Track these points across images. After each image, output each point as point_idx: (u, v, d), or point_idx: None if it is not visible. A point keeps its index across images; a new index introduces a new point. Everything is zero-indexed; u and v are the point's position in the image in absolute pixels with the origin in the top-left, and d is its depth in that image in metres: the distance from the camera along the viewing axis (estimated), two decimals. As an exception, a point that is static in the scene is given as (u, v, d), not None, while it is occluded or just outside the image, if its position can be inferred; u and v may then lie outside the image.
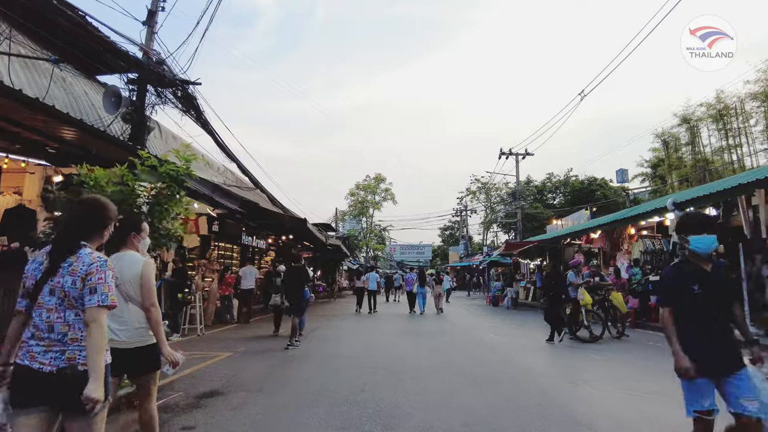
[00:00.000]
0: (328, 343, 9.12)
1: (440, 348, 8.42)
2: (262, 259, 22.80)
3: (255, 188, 14.70)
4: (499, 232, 48.49)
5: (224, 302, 13.42)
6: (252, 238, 18.29)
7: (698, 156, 19.59)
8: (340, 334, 11.08)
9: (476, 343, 8.98)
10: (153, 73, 8.42)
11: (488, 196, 48.67)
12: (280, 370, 6.38)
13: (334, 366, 6.67)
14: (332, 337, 10.02)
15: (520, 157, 29.90)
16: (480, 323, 13.14)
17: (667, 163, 21.78)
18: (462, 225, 51.12)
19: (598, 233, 14.39)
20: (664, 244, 12.87)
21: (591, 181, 36.46)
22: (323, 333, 11.06)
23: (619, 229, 13.98)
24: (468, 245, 50.04)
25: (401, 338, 9.83)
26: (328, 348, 8.46)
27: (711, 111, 18.14)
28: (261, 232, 18.53)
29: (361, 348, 8.50)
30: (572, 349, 8.38)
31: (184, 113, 9.26)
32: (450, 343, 9.01)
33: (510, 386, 5.39)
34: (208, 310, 12.68)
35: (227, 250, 18.34)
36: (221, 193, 12.77)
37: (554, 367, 6.61)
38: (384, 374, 6.06)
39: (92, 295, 1.92)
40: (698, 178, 18.04)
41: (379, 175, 37.63)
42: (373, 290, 17.56)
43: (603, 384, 5.53)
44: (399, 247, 69.85)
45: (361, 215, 37.96)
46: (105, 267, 1.99)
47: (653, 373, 6.08)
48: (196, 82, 8.87)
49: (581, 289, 9.33)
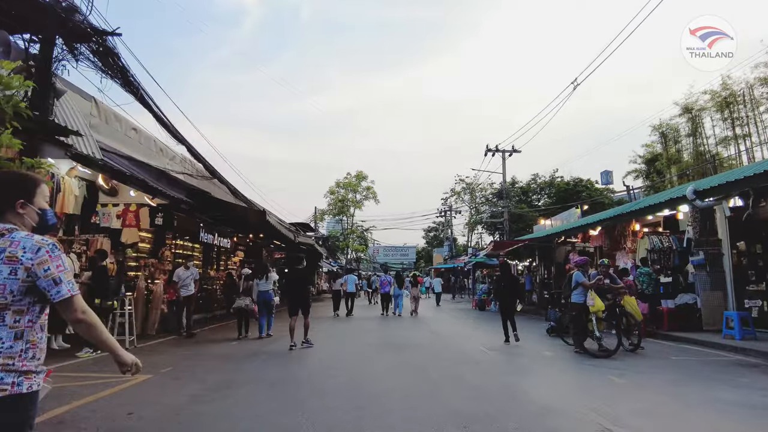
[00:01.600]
0: (284, 358, 7.39)
1: (420, 367, 6.74)
2: (230, 260, 20.88)
3: (211, 177, 12.84)
4: (484, 234, 47.45)
5: (172, 308, 11.53)
6: (214, 236, 16.37)
7: (701, 148, 18.40)
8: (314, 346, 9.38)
9: (465, 361, 7.33)
10: (58, 19, 6.56)
11: (473, 197, 47.54)
12: (199, 405, 4.61)
13: (278, 397, 4.93)
14: (294, 350, 8.30)
15: (507, 154, 28.76)
16: (467, 332, 11.53)
17: (666, 157, 20.57)
18: (446, 226, 49.77)
19: (597, 230, 12.96)
20: (673, 242, 11.47)
21: (577, 182, 35.67)
22: (287, 343, 9.33)
23: (622, 225, 12.56)
24: (452, 247, 48.72)
25: (375, 352, 8.13)
26: (282, 366, 6.73)
27: (716, 99, 16.96)
28: (223, 229, 16.63)
29: (324, 367, 6.78)
30: (583, 367, 6.80)
31: (105, 75, 7.39)
32: (432, 360, 7.34)
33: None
34: (151, 317, 10.78)
35: (187, 249, 16.42)
36: (167, 182, 10.94)
37: (575, 400, 4.93)
38: (344, 409, 4.36)
39: (59, 286, 1.66)
40: (700, 171, 16.88)
41: (361, 172, 35.90)
42: (352, 293, 17.12)
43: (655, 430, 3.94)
44: (382, 249, 68.40)
45: (342, 214, 36.09)
46: (58, 251, 1.72)
47: (706, 405, 4.53)
48: (114, 32, 7.02)
49: (591, 292, 7.77)
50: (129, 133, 11.85)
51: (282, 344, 8.75)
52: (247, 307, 10.22)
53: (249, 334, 10.03)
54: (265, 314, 10.17)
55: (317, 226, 35.22)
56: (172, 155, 13.65)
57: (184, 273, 10.72)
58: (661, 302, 10.09)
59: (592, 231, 13.04)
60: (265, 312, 10.17)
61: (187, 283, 10.58)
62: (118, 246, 10.73)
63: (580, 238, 14.86)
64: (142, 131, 12.47)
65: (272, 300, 10.34)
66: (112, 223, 10.41)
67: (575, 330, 8.07)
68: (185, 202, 10.65)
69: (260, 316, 10.16)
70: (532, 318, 15.64)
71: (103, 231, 10.37)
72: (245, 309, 10.20)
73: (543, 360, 7.50)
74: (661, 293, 10.11)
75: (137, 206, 10.60)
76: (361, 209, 36.88)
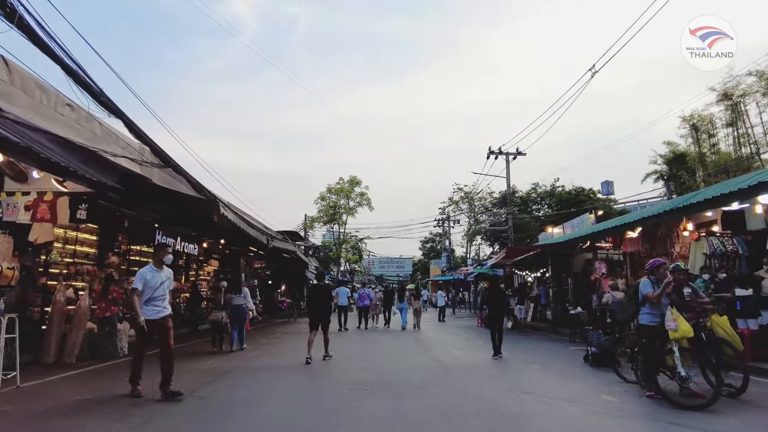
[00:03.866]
0: (229, 405, 4.91)
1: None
2: (201, 270, 18.30)
3: (163, 165, 10.39)
4: (483, 245, 45.26)
5: (104, 328, 9.01)
6: (176, 240, 13.86)
7: (744, 139, 16.15)
8: (269, 377, 6.91)
9: (495, 418, 4.86)
10: None
11: (471, 206, 45.47)
12: None
13: None
14: (252, 385, 5.84)
15: (512, 157, 26.77)
16: (484, 362, 9.05)
17: (697, 152, 18.30)
18: (444, 237, 47.42)
19: (637, 231, 10.59)
20: (738, 245, 9.14)
21: (578, 191, 34.16)
22: (249, 374, 6.84)
23: (668, 225, 10.22)
24: (450, 258, 46.33)
25: (361, 398, 5.63)
26: (220, 417, 4.26)
27: (764, 80, 14.83)
28: (186, 232, 14.13)
29: (281, 423, 4.31)
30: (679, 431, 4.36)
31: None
32: (445, 416, 4.86)
33: None
34: (70, 339, 8.25)
35: (146, 256, 13.90)
36: (97, 165, 8.52)
37: None
38: None
39: None
40: (744, 167, 14.64)
41: (354, 177, 33.47)
42: (344, 306, 16.15)
43: None
44: (378, 261, 65.89)
45: (333, 222, 33.59)
46: None
47: None
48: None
49: (672, 311, 5.36)
50: (61, 109, 9.46)
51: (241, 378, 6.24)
52: (222, 320, 10.07)
53: (224, 348, 10.07)
54: (237, 327, 10.16)
55: (307, 234, 32.71)
56: (124, 144, 11.24)
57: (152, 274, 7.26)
58: (738, 322, 7.68)
59: (631, 233, 10.68)
60: (237, 325, 10.15)
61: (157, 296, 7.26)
62: (28, 247, 8.26)
63: (610, 242, 12.49)
64: (82, 110, 10.11)
65: (245, 313, 10.26)
66: (18, 217, 7.95)
67: (647, 365, 5.65)
68: (115, 189, 8.20)
69: (232, 329, 10.16)
70: (552, 339, 13.18)
71: (6, 227, 7.92)
72: (220, 322, 10.06)
73: (609, 412, 5.05)
74: (738, 310, 7.70)
75: (54, 195, 8.15)
76: (354, 216, 34.38)
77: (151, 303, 5.52)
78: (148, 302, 5.50)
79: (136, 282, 5.57)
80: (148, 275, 5.57)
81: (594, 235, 12.01)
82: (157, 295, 5.56)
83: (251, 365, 8.17)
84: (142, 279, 5.52)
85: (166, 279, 5.72)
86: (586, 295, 15.34)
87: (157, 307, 5.54)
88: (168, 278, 5.81)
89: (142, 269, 5.71)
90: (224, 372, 7.36)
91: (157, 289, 5.56)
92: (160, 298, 5.59)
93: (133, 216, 11.81)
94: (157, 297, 5.56)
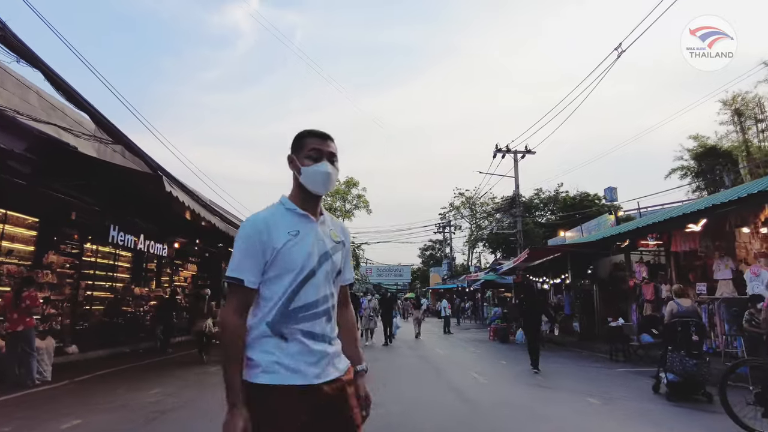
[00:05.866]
0: None
1: None
2: (176, 275, 16.07)
3: (111, 141, 8.27)
4: (485, 252, 43.26)
5: (16, 347, 6.80)
6: (138, 238, 11.70)
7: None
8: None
9: None
10: None
11: (473, 211, 43.61)
12: None
13: None
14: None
15: (520, 155, 25.02)
16: (520, 393, 6.86)
17: (741, 140, 16.26)
18: (445, 243, 45.33)
19: (701, 224, 8.50)
20: None
21: (583, 196, 32.60)
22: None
23: (741, 215, 8.13)
24: (452, 265, 44.23)
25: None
26: None
27: None
28: (149, 228, 11.97)
29: None
30: None
31: None
32: None
33: None
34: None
35: (107, 257, 11.74)
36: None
37: None
38: None
39: None
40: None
41: (351, 179, 31.34)
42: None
43: None
44: (375, 269, 63.68)
45: (328, 225, 31.39)
46: None
47: None
48: None
49: None
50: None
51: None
52: (209, 330, 9.75)
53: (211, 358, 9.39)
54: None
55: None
56: (74, 124, 9.15)
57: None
58: None
59: (693, 226, 8.58)
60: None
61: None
62: None
63: (654, 240, 10.39)
64: (10, 74, 8.07)
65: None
66: None
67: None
68: (22, 158, 6.08)
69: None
70: (586, 357, 11.01)
71: None
72: (204, 332, 9.73)
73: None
74: None
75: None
76: (351, 219, 32.22)
77: None
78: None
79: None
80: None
81: (638, 231, 9.91)
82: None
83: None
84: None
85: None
86: (620, 303, 13.29)
87: None
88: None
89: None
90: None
91: None
92: None
93: (82, 207, 9.72)
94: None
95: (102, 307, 11.17)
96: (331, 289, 1.51)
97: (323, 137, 1.53)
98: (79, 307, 10.25)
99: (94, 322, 10.70)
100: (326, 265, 1.48)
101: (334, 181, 1.56)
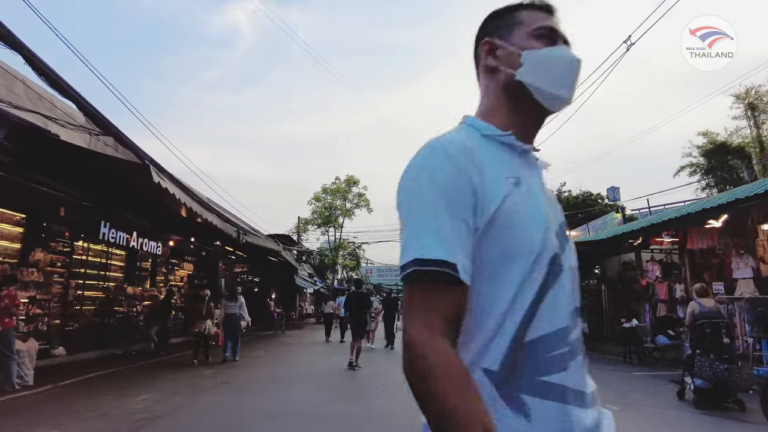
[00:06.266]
0: None
1: None
2: (172, 274, 15.66)
3: (100, 132, 7.85)
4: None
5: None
6: (130, 236, 11.28)
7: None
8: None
9: None
10: None
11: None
12: None
13: None
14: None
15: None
16: None
17: (755, 135, 15.85)
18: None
19: (721, 219, 8.08)
20: None
21: (586, 195, 32.42)
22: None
23: (762, 210, 7.70)
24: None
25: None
26: None
27: None
28: (141, 225, 11.56)
29: None
30: None
31: None
32: None
33: None
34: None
35: (100, 256, 11.34)
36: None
37: None
38: None
39: None
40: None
41: (352, 177, 30.86)
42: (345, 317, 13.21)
43: None
44: (376, 269, 63.29)
45: (328, 224, 30.94)
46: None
47: None
48: None
49: None
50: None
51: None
52: (207, 332, 9.47)
53: (210, 360, 9.18)
54: (231, 338, 9.55)
55: (300, 238, 30.11)
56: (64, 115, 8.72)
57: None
58: None
59: (713, 222, 8.16)
60: (231, 336, 9.54)
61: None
62: None
63: (669, 237, 9.97)
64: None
65: (239, 324, 9.69)
66: None
67: None
68: (1, 146, 5.67)
69: (225, 340, 9.61)
70: (597, 359, 10.56)
71: None
72: (205, 334, 9.46)
73: None
74: None
75: None
76: (351, 218, 31.76)
77: None
78: None
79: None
80: None
81: (653, 228, 9.49)
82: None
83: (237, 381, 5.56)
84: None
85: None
86: (630, 304, 12.87)
87: None
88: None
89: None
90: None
91: None
92: None
93: (71, 202, 9.32)
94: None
95: (93, 307, 10.77)
96: (578, 297, 0.80)
97: (551, 12, 0.88)
98: (69, 307, 9.85)
99: (85, 323, 10.28)
100: (569, 251, 0.80)
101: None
